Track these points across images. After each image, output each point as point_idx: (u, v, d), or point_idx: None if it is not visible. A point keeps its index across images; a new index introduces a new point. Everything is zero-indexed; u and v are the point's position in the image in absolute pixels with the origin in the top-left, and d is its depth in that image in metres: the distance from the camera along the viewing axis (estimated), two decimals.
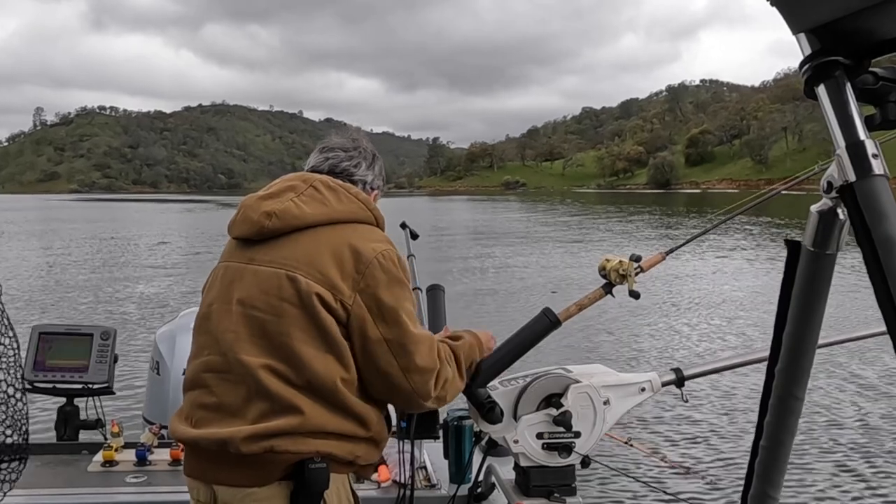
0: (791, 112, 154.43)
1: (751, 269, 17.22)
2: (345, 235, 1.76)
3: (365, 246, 1.75)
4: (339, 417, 1.70)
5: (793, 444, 0.98)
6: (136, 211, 65.12)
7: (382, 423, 1.83)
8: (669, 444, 6.01)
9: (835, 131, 0.74)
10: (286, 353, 1.68)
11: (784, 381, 0.93)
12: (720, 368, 2.47)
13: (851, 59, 0.74)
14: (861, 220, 0.71)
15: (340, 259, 1.72)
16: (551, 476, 2.14)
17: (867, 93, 0.76)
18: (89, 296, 13.73)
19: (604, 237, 28.63)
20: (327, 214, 1.78)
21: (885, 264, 0.68)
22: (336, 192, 1.83)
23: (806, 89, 0.77)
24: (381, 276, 1.73)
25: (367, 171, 1.97)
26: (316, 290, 1.68)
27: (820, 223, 0.83)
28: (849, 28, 0.73)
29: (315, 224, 1.78)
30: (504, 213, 54.87)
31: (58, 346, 2.88)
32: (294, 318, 1.69)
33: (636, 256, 2.23)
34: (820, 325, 0.89)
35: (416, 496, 2.35)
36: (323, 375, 1.67)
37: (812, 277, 0.86)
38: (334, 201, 1.81)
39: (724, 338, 10.19)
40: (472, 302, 12.85)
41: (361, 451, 1.77)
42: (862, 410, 6.87)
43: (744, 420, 6.47)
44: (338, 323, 1.70)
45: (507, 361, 2.14)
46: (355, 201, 1.84)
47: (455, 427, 2.57)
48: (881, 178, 0.71)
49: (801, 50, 0.77)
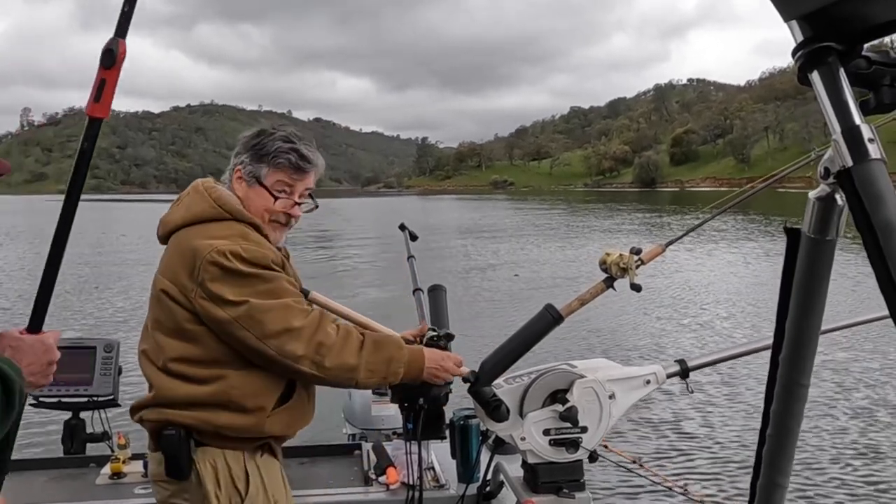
0: (773, 112, 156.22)
1: (751, 258, 17.22)
2: (190, 235, 1.95)
3: (201, 243, 1.90)
4: (188, 389, 1.90)
5: (799, 432, 0.98)
6: (128, 211, 64.79)
7: (250, 389, 1.92)
8: (675, 436, 6.01)
9: (830, 117, 0.73)
10: (151, 340, 1.98)
11: (788, 368, 0.93)
12: (724, 358, 2.47)
13: (844, 44, 0.74)
14: (860, 205, 0.71)
15: (184, 258, 1.92)
16: (559, 472, 2.14)
17: (861, 77, 0.75)
18: (89, 305, 13.70)
19: (593, 228, 28.64)
20: (183, 217, 1.99)
21: (884, 248, 0.68)
22: (199, 195, 2.00)
23: (800, 76, 0.77)
24: (213, 270, 1.87)
25: (235, 157, 2.07)
26: (162, 287, 1.94)
27: (818, 209, 0.83)
28: (840, 13, 0.73)
29: (177, 227, 1.99)
30: (493, 211, 55.03)
31: (61, 360, 2.87)
32: (155, 311, 1.97)
33: (636, 249, 2.23)
34: (822, 312, 0.89)
35: (426, 497, 2.36)
36: (172, 355, 1.92)
37: (812, 264, 0.86)
38: (192, 204, 1.99)
39: (728, 327, 10.19)
40: (472, 301, 12.84)
41: (223, 421, 1.90)
42: (868, 395, 6.87)
43: (750, 409, 6.47)
44: (188, 312, 1.90)
45: (511, 359, 2.14)
46: (207, 200, 1.98)
47: (461, 426, 2.57)
48: (878, 162, 0.71)
49: (794, 37, 0.77)
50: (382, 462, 2.67)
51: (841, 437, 5.87)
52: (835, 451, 5.58)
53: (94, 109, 1.23)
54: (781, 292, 0.91)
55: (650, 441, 5.91)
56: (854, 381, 7.28)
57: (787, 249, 0.88)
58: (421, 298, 2.55)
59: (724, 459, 5.52)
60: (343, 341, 1.91)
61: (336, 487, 2.60)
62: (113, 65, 1.20)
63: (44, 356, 1.42)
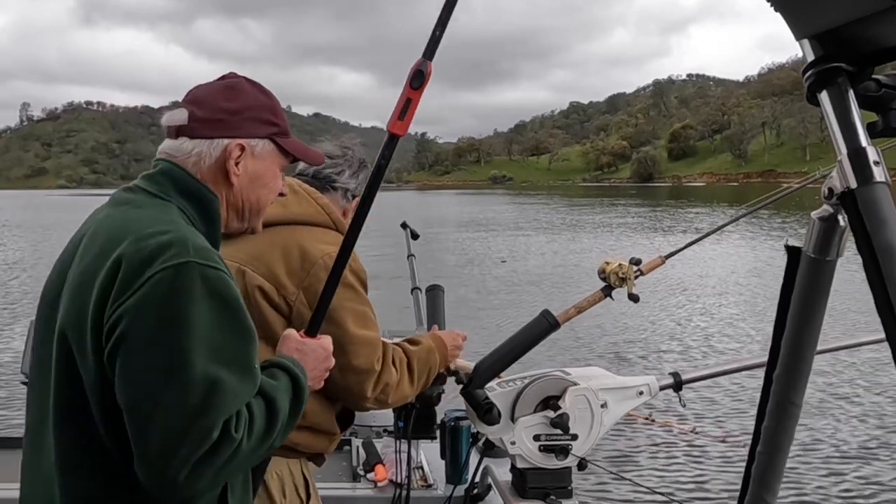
0: (770, 107, 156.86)
1: (750, 273, 17.22)
2: (296, 235, 1.85)
3: (314, 246, 1.83)
4: None
5: (790, 450, 0.98)
6: None
7: (327, 414, 1.89)
8: (665, 448, 6.01)
9: (837, 138, 0.74)
10: None
11: (782, 386, 0.93)
12: (718, 373, 2.47)
13: (854, 66, 0.74)
14: (861, 227, 0.71)
15: (288, 257, 1.81)
16: (548, 478, 2.14)
17: (869, 100, 0.76)
18: None
19: (587, 223, 28.75)
20: (282, 215, 1.86)
21: (884, 271, 0.68)
22: (297, 195, 1.91)
23: (808, 95, 0.77)
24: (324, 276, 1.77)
25: (350, 178, 2.03)
26: (258, 284, 1.79)
27: (820, 229, 0.83)
28: (852, 35, 0.73)
29: (271, 224, 1.84)
30: (492, 206, 55.17)
31: None
32: None
33: (636, 259, 2.23)
34: (819, 331, 0.89)
35: (413, 496, 2.36)
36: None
37: (812, 283, 0.86)
38: (293, 204, 1.89)
39: (723, 342, 10.18)
40: (470, 301, 12.84)
41: (301, 440, 1.84)
42: (860, 417, 6.87)
43: (741, 425, 6.47)
44: (281, 316, 1.79)
45: (505, 363, 2.14)
46: (314, 205, 1.91)
47: (452, 427, 2.57)
48: (882, 186, 0.71)
49: (805, 56, 0.77)
50: (371, 459, 2.67)
51: (831, 457, 5.87)
52: (824, 472, 5.58)
53: (397, 127, 1.24)
54: (779, 310, 0.91)
55: (639, 451, 5.91)
56: (848, 402, 7.28)
57: (787, 267, 0.88)
58: (419, 298, 2.56)
59: (714, 474, 5.52)
60: (401, 376, 1.91)
61: (324, 482, 2.60)
62: (421, 86, 1.21)
63: (324, 362, 1.45)
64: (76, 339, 1.19)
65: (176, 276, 1.15)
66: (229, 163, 1.36)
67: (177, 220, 1.26)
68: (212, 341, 1.15)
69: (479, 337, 8.10)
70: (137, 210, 1.28)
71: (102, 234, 1.25)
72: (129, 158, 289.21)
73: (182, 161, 1.34)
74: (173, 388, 1.12)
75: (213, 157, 1.35)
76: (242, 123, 1.37)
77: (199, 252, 1.19)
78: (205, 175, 1.35)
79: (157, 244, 1.17)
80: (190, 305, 1.15)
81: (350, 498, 2.56)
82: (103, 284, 1.17)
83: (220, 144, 1.35)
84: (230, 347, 1.18)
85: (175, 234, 1.20)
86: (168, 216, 1.26)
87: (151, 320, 1.14)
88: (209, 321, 1.16)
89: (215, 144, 1.35)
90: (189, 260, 1.17)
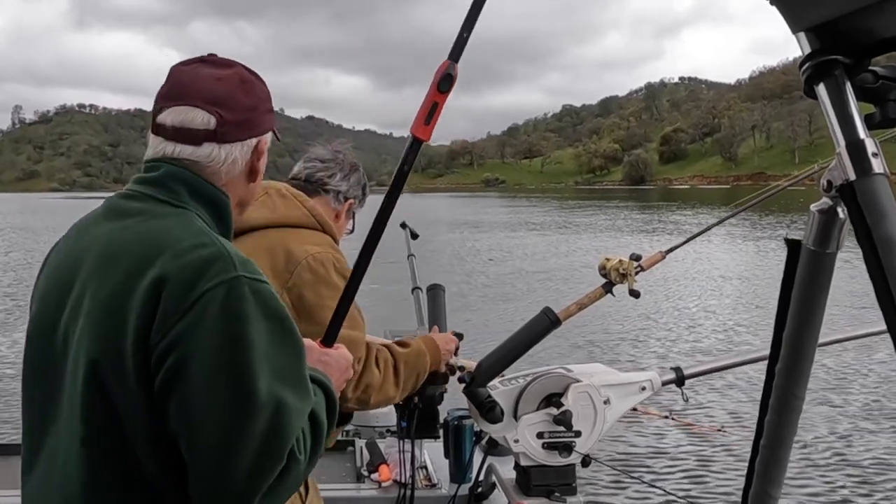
0: (759, 111, 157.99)
1: (751, 267, 17.22)
2: (282, 237, 1.88)
3: (298, 248, 1.85)
4: None
5: (793, 443, 0.98)
6: None
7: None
8: (669, 444, 6.01)
9: (835, 130, 0.73)
10: None
11: (784, 380, 0.93)
12: (720, 367, 2.47)
13: (851, 57, 0.74)
14: (861, 219, 0.71)
15: (273, 258, 1.84)
16: (552, 475, 2.14)
17: (867, 91, 0.76)
18: None
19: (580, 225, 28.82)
20: (270, 219, 1.90)
21: (885, 263, 0.68)
22: (285, 199, 1.94)
23: (806, 88, 0.77)
24: (307, 276, 1.82)
25: (341, 181, 2.05)
26: None
27: (820, 222, 0.83)
28: (848, 27, 0.73)
29: (258, 227, 1.89)
30: (485, 208, 55.27)
31: None
32: None
33: (636, 255, 2.24)
34: (820, 324, 0.89)
35: (417, 496, 2.35)
36: None
37: (812, 276, 0.86)
38: (281, 207, 1.92)
39: (725, 336, 10.18)
40: (469, 299, 12.84)
41: None
42: (862, 409, 6.87)
43: (744, 419, 6.47)
44: None
45: (507, 361, 2.14)
46: (301, 208, 1.94)
47: (455, 426, 2.57)
48: (881, 177, 0.71)
49: (801, 49, 0.77)
50: (375, 459, 2.67)
51: (833, 449, 5.87)
52: (827, 463, 5.58)
53: (422, 131, 1.20)
54: (780, 303, 0.91)
55: (643, 447, 5.91)
56: (850, 394, 7.28)
57: (787, 260, 0.88)
58: (420, 297, 2.55)
59: (717, 468, 5.52)
60: (385, 377, 1.91)
61: (328, 483, 2.60)
62: (448, 89, 1.18)
63: (345, 373, 1.42)
64: (112, 369, 1.09)
65: (228, 294, 1.07)
66: (259, 162, 1.30)
67: (207, 231, 1.17)
68: (273, 361, 1.09)
69: (480, 336, 8.11)
70: (157, 221, 1.17)
71: (122, 252, 1.14)
72: (122, 161, 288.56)
73: (212, 168, 1.24)
74: (241, 415, 1.05)
75: (245, 159, 1.28)
76: (262, 119, 1.30)
77: (244, 265, 1.12)
78: (234, 179, 1.27)
79: (201, 259, 1.09)
80: (247, 325, 1.07)
81: (354, 498, 2.56)
82: (143, 307, 1.07)
83: (249, 145, 1.27)
84: (289, 366, 1.12)
85: (216, 247, 1.12)
86: (195, 226, 1.17)
87: (210, 344, 1.05)
88: (268, 340, 1.09)
89: (245, 147, 1.27)
90: (238, 275, 1.09)
